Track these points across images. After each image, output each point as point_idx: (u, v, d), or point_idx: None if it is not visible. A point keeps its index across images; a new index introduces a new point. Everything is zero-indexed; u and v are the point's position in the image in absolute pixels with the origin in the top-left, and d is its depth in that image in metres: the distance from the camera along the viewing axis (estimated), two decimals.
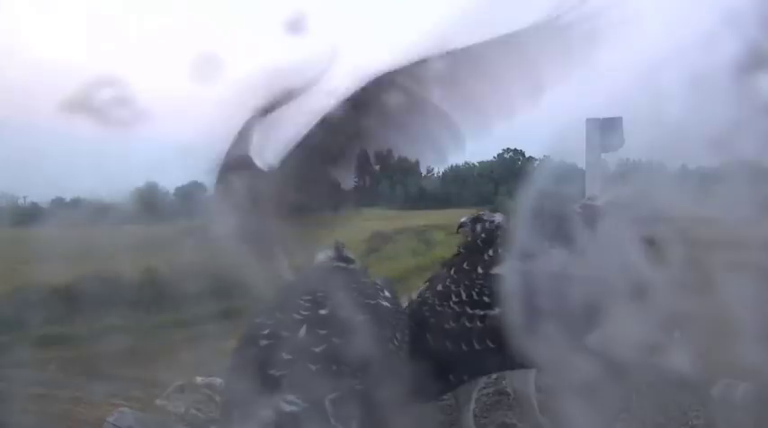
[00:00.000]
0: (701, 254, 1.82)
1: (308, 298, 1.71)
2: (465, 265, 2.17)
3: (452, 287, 2.11)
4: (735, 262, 1.69)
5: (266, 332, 1.62)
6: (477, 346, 1.98)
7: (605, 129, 2.92)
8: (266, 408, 1.43)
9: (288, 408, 1.42)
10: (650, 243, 1.82)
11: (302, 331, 1.59)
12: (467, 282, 2.08)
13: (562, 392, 1.83)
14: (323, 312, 1.66)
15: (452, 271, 2.20)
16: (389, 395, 1.57)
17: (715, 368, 2.34)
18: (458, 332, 2.02)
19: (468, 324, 2.01)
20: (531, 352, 1.77)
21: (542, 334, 1.71)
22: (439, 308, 2.10)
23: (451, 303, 2.07)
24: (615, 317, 1.77)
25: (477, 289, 2.04)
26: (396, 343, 1.77)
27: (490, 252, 2.14)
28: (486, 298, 2.01)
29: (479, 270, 2.10)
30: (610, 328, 1.78)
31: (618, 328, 1.77)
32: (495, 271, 2.05)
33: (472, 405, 2.32)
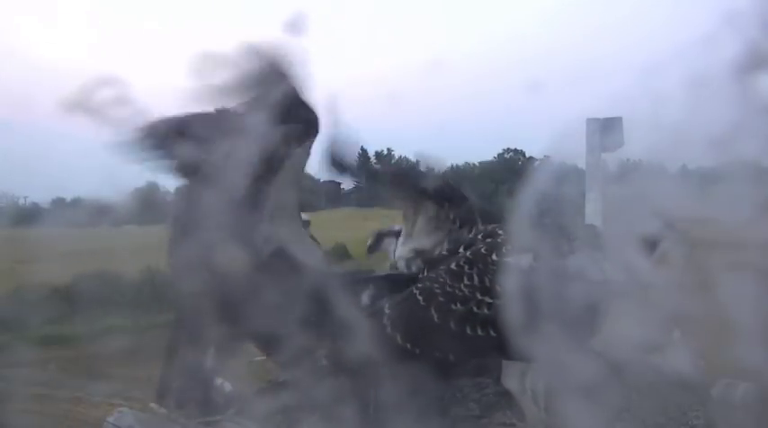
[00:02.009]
0: (701, 254, 1.82)
1: None
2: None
3: (466, 268, 2.05)
4: (735, 262, 1.69)
5: None
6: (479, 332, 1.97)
7: (605, 129, 2.91)
8: None
9: None
10: (651, 243, 1.82)
11: None
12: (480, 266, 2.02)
13: (562, 392, 1.83)
14: None
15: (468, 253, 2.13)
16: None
17: (715, 368, 2.34)
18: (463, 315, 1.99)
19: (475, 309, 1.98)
20: (531, 349, 1.77)
21: (542, 333, 1.71)
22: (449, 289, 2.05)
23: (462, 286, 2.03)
24: (615, 318, 1.77)
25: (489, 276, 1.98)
26: None
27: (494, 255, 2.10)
28: (492, 288, 1.96)
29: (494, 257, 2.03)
30: (610, 329, 1.78)
31: (618, 329, 1.77)
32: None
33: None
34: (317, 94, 2.16)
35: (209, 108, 2.15)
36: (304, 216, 2.64)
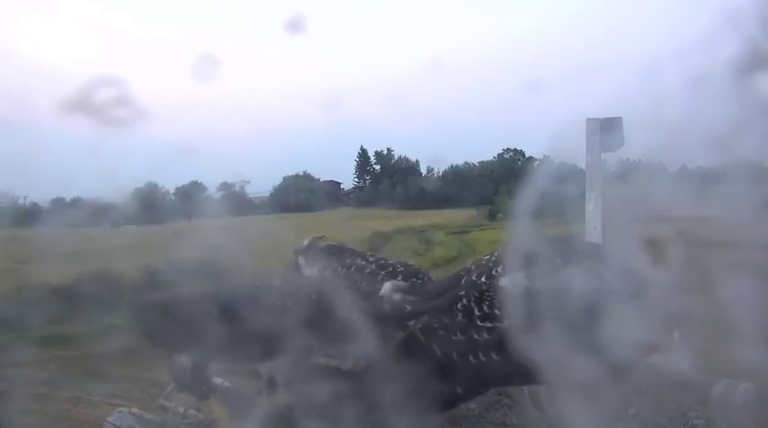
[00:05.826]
0: (701, 254, 1.82)
1: None
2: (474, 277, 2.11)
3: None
4: (735, 262, 1.69)
5: None
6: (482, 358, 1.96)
7: (605, 129, 2.91)
8: None
9: None
10: (651, 243, 1.81)
11: None
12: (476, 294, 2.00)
13: (564, 393, 1.82)
14: None
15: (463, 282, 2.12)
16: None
17: (715, 368, 2.34)
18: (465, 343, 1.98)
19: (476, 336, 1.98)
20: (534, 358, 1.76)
21: (544, 338, 1.70)
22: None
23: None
24: (615, 318, 1.77)
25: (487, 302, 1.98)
26: None
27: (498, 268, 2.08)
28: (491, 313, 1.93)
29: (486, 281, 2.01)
30: (610, 329, 1.78)
31: (619, 329, 1.77)
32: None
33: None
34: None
35: None
36: None
